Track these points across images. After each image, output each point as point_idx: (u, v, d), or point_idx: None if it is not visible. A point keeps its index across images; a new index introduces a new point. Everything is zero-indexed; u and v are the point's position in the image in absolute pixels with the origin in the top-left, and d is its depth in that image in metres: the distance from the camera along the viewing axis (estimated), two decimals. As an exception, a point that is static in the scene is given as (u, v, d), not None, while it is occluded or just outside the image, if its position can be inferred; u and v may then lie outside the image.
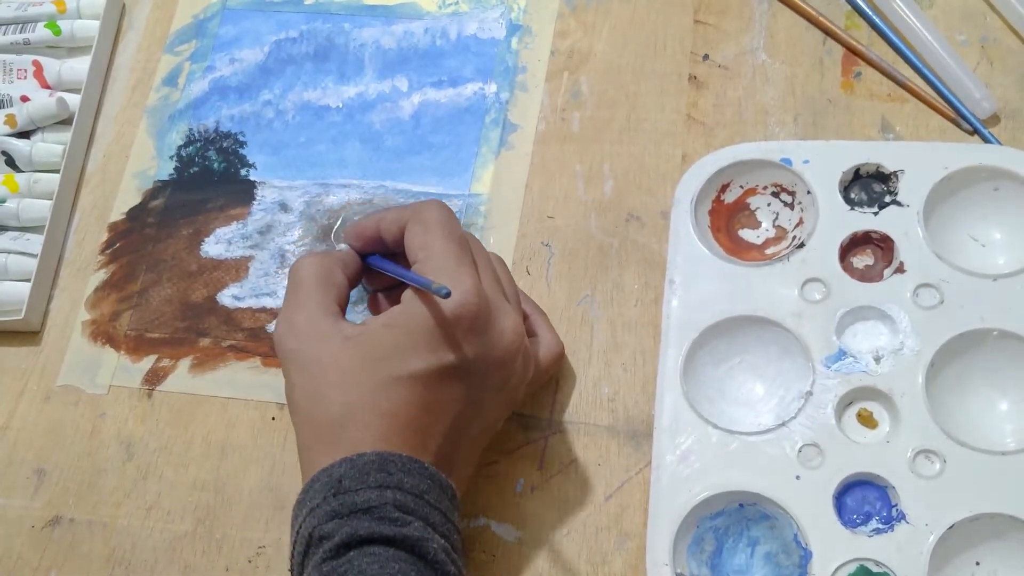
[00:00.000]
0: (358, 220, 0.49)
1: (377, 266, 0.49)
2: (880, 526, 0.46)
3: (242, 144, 0.61)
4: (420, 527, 0.41)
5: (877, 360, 0.49)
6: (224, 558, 0.51)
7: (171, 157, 0.61)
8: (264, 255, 0.58)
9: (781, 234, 0.53)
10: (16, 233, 0.60)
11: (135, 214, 0.60)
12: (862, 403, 0.49)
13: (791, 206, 0.53)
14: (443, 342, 0.43)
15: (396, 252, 0.48)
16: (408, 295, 0.44)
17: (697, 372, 0.50)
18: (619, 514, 0.49)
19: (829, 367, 0.49)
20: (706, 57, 0.58)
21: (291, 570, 0.42)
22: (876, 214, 0.51)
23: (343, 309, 0.47)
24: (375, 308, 0.51)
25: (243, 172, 0.60)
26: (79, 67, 0.63)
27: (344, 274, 0.48)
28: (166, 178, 0.61)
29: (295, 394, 0.45)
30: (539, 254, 0.55)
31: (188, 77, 0.63)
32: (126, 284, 0.58)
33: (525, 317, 0.50)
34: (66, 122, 0.62)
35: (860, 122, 0.55)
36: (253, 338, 0.56)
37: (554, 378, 0.52)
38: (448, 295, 0.42)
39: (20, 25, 0.64)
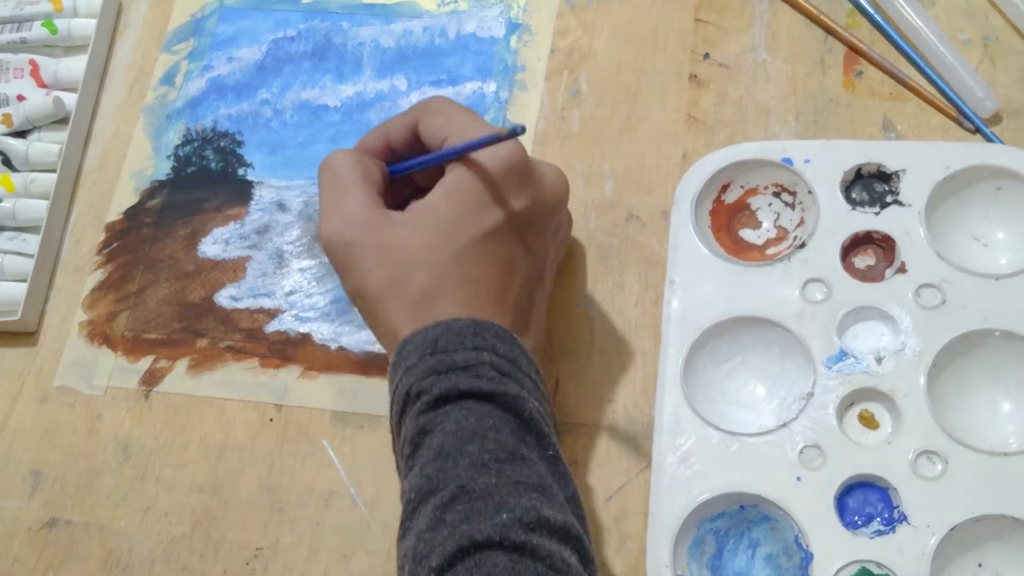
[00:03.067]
0: (363, 139, 0.48)
1: (409, 166, 0.47)
2: (882, 528, 0.46)
3: (240, 143, 0.61)
4: (516, 387, 0.41)
5: (879, 361, 0.48)
6: (221, 560, 0.51)
7: (168, 157, 0.61)
8: (262, 255, 0.57)
9: (782, 234, 0.53)
10: (12, 233, 0.59)
11: (132, 214, 0.60)
12: (863, 404, 0.48)
13: (792, 206, 0.53)
14: (505, 194, 0.43)
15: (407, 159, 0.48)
16: (451, 167, 0.44)
17: (698, 373, 0.50)
18: (619, 516, 0.49)
19: (830, 368, 0.48)
20: (707, 56, 0.58)
21: (391, 431, 0.43)
22: (877, 214, 0.51)
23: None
24: None
25: (240, 172, 0.60)
26: (76, 66, 0.62)
27: (379, 172, 0.47)
28: (163, 178, 0.60)
29: (369, 285, 0.44)
30: (538, 254, 0.55)
31: (185, 76, 0.63)
32: (123, 284, 0.58)
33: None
34: (63, 121, 0.62)
35: (862, 121, 0.55)
36: (251, 339, 0.55)
37: (554, 378, 0.52)
38: (523, 130, 0.41)
39: (16, 24, 0.64)
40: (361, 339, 0.54)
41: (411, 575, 0.38)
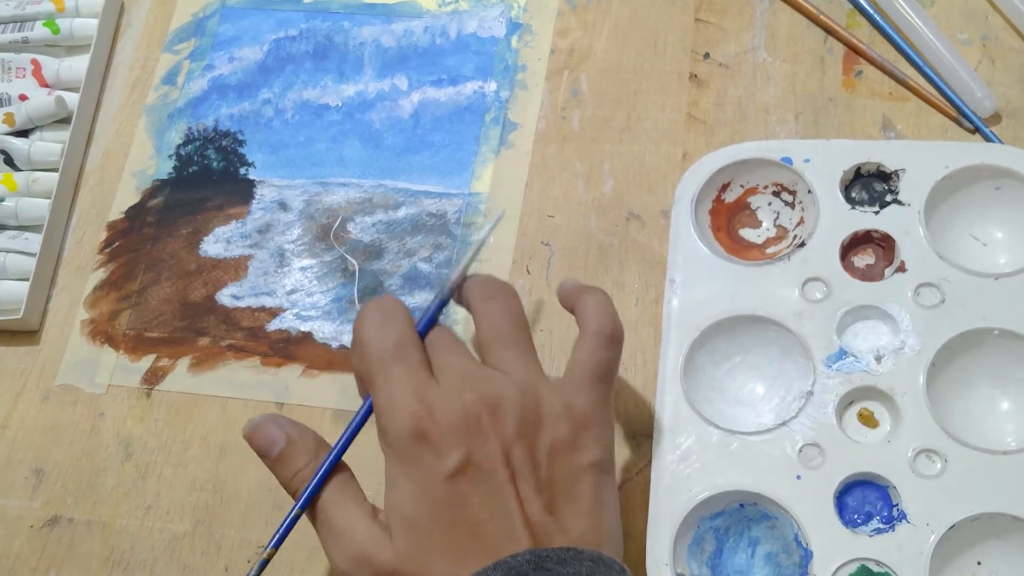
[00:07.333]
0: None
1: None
2: (881, 526, 0.46)
3: (241, 143, 0.61)
4: None
5: (878, 359, 0.48)
6: (223, 558, 0.51)
7: (170, 156, 0.61)
8: (263, 254, 0.58)
9: (782, 233, 0.53)
10: (15, 232, 0.60)
11: (134, 213, 0.60)
12: (863, 403, 0.48)
13: (792, 205, 0.53)
14: (419, 460, 0.41)
15: None
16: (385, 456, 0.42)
17: (697, 372, 0.50)
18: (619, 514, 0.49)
19: (830, 367, 0.48)
20: (707, 56, 0.58)
21: None
22: (877, 213, 0.51)
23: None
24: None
25: (242, 171, 0.60)
26: (78, 66, 0.63)
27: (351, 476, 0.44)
28: (165, 177, 0.61)
29: None
30: (539, 253, 0.55)
31: (187, 76, 0.63)
32: (125, 283, 0.58)
33: (574, 305, 0.46)
34: (65, 121, 0.62)
35: (861, 121, 0.55)
36: (252, 337, 0.55)
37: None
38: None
39: (19, 24, 0.64)
40: (362, 338, 0.54)
41: None
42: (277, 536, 0.43)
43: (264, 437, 0.44)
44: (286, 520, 0.43)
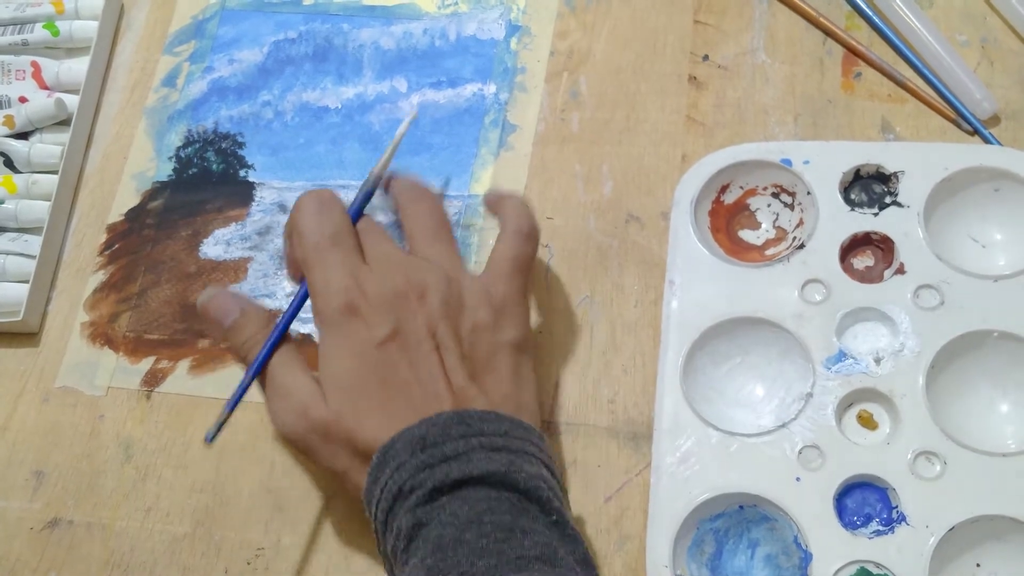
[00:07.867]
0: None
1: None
2: (880, 528, 0.46)
3: (241, 145, 0.61)
4: (507, 461, 0.42)
5: (877, 361, 0.48)
6: (223, 560, 0.51)
7: (170, 158, 0.61)
8: (263, 256, 0.58)
9: (781, 235, 0.53)
10: (14, 234, 0.60)
11: (134, 215, 0.60)
12: (862, 404, 0.49)
13: (791, 207, 0.53)
14: (339, 333, 0.46)
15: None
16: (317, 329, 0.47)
17: (697, 373, 0.50)
18: (619, 516, 0.49)
19: (829, 368, 0.49)
20: (706, 58, 0.58)
21: (374, 530, 0.43)
22: (876, 215, 0.51)
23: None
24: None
25: (242, 173, 0.60)
26: (77, 68, 0.63)
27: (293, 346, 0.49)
28: (165, 179, 0.61)
29: (338, 463, 0.45)
30: (538, 255, 0.55)
31: (187, 78, 0.63)
32: (125, 285, 0.58)
33: (497, 209, 0.51)
34: (64, 123, 0.62)
35: (860, 122, 0.55)
36: (252, 339, 0.55)
37: (554, 378, 0.52)
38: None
39: (18, 26, 0.64)
40: (362, 340, 0.54)
41: None
42: (235, 398, 0.48)
43: (219, 307, 0.49)
44: (243, 381, 0.48)
